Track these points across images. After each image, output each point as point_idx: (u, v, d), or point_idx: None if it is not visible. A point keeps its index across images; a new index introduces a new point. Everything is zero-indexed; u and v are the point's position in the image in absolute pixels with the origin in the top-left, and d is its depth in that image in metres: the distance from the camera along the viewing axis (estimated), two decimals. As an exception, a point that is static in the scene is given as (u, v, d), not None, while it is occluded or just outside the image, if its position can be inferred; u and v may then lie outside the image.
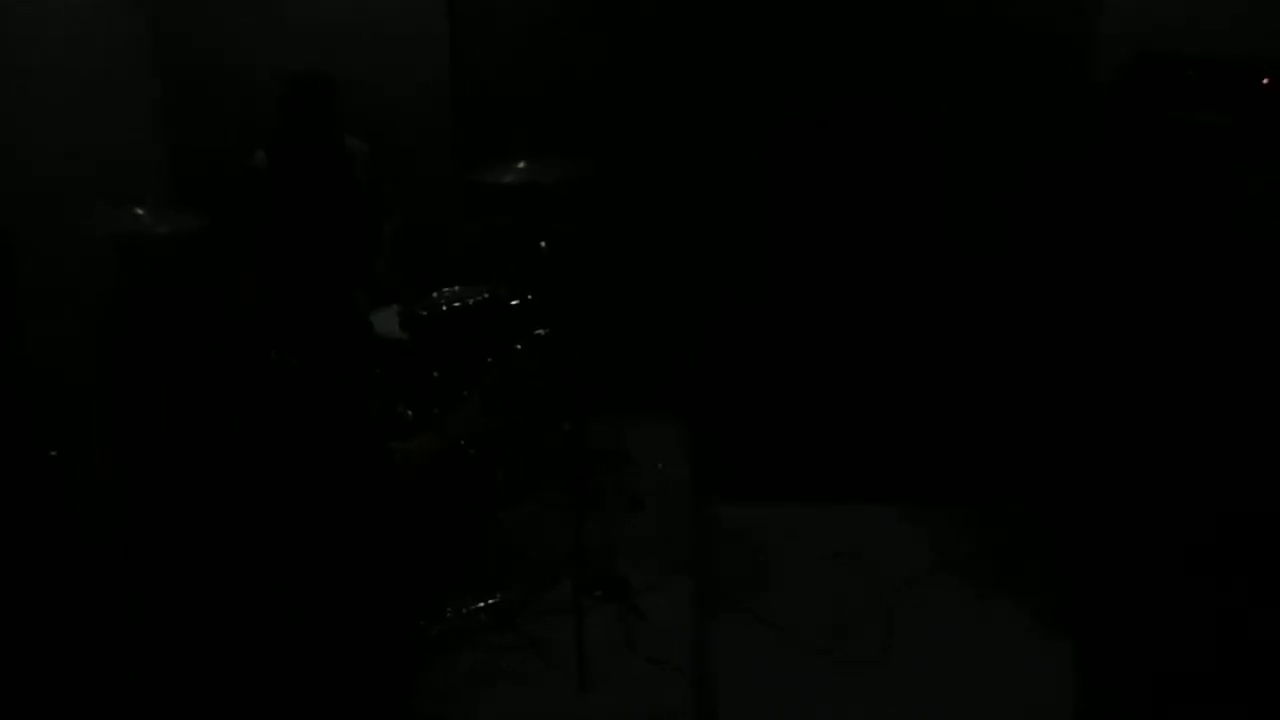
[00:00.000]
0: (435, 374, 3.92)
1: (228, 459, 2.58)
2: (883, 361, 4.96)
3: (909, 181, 4.93)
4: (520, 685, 3.50)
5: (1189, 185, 4.01)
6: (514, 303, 4.12)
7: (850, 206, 4.95)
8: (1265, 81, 4.15)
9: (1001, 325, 4.87)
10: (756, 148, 4.91)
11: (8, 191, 3.98)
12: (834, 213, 4.96)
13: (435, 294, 4.06)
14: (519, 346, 4.10)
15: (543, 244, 4.11)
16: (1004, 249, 4.86)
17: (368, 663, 2.59)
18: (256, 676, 2.43)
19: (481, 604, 3.72)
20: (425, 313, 3.95)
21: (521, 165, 4.24)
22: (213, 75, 4.87)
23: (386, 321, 4.02)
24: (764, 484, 4.78)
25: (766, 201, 4.96)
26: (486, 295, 4.05)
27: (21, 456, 3.53)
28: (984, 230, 4.87)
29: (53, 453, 3.48)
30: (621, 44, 4.89)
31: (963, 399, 4.88)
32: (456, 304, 4.00)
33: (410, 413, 3.85)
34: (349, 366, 3.23)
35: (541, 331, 4.15)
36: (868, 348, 4.97)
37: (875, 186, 4.93)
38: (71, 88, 4.36)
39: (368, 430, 2.73)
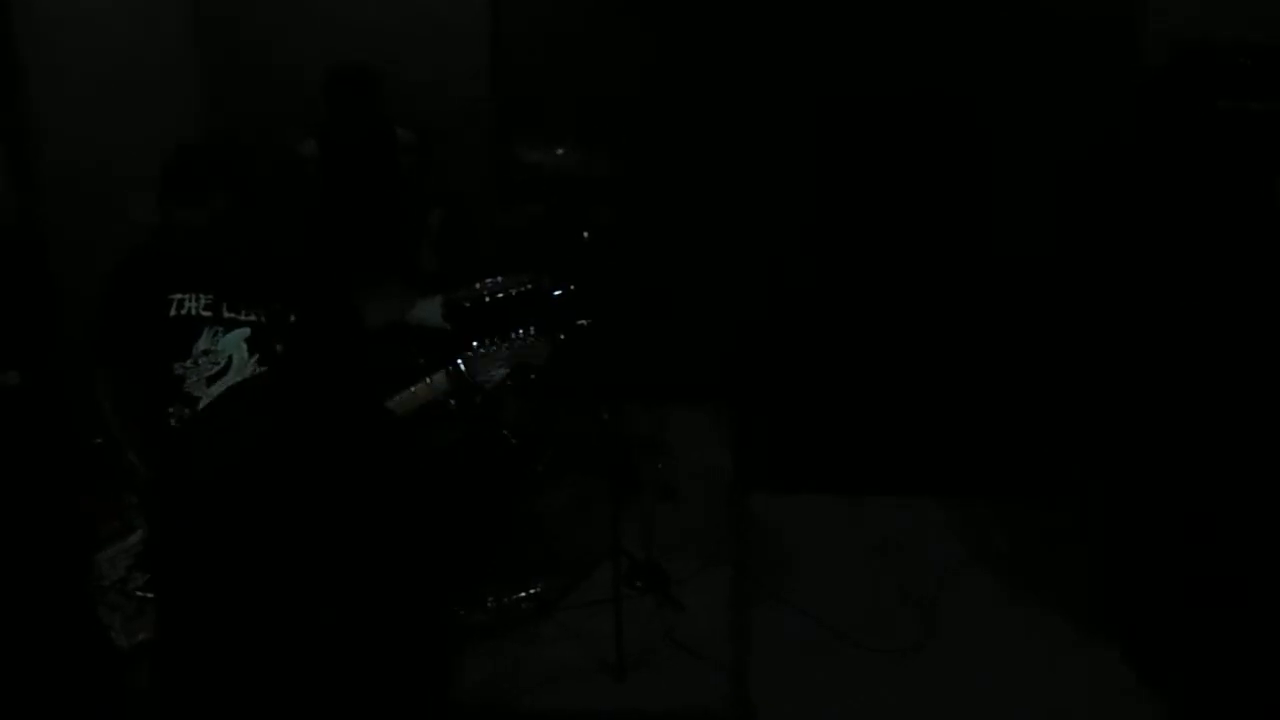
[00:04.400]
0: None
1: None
2: (925, 353, 4.94)
3: (953, 172, 4.90)
4: (559, 675, 3.52)
5: (1239, 177, 3.95)
6: (556, 293, 4.13)
7: (894, 197, 4.92)
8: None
9: (1044, 318, 4.84)
10: (801, 135, 4.88)
11: (49, 184, 4.03)
12: (877, 203, 4.93)
13: (478, 284, 4.07)
14: (562, 336, 4.11)
15: (585, 234, 4.11)
16: (1048, 241, 4.81)
17: (407, 653, 2.59)
18: (290, 668, 2.43)
19: (522, 593, 3.74)
20: (468, 304, 3.97)
21: (560, 152, 4.24)
22: (256, 66, 4.89)
23: (430, 311, 4.04)
24: (804, 475, 4.78)
25: (810, 191, 4.93)
26: (529, 286, 4.06)
27: (66, 445, 3.58)
28: (1028, 222, 4.83)
29: (98, 440, 3.50)
30: (664, 33, 4.87)
31: (1004, 391, 4.84)
32: (499, 294, 4.01)
33: (453, 402, 3.86)
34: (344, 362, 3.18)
35: (584, 322, 4.15)
36: (910, 339, 4.95)
37: (919, 178, 4.90)
38: (114, 80, 4.39)
39: (376, 420, 2.69)
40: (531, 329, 3.25)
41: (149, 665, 2.90)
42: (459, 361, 3.14)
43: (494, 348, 3.20)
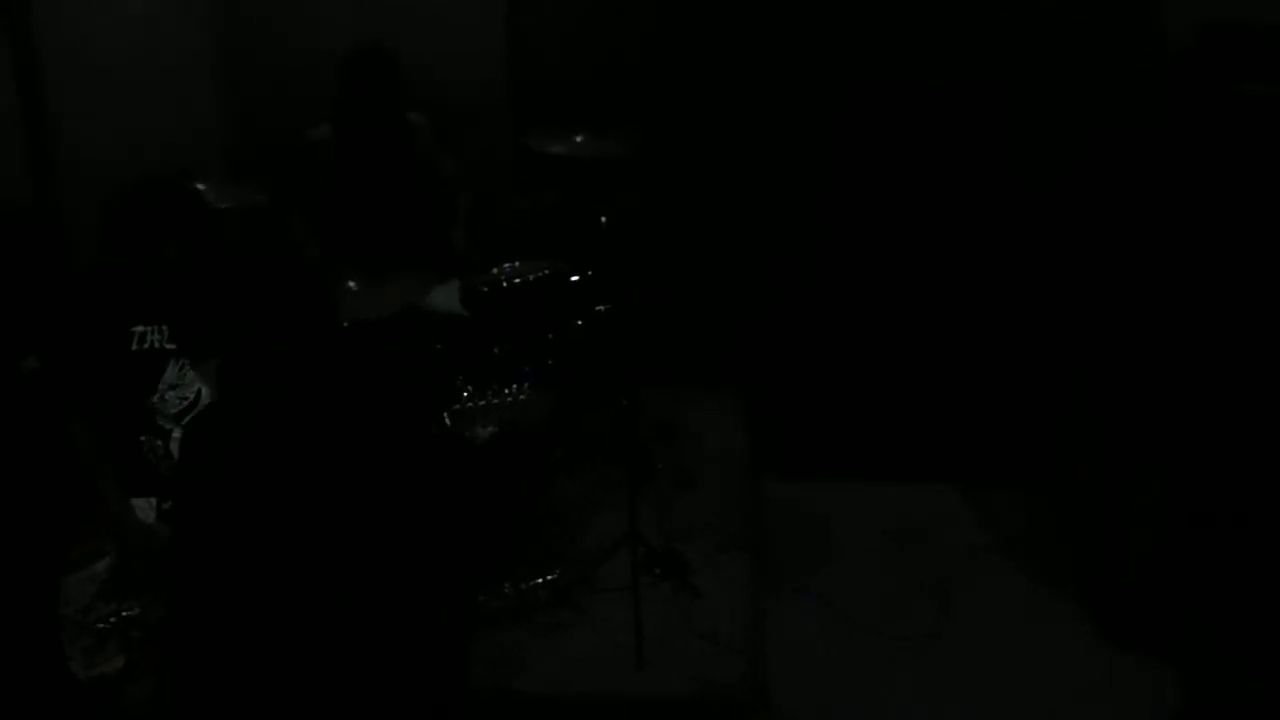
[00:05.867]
0: (496, 350, 3.94)
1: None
2: (942, 338, 4.92)
3: (969, 158, 4.86)
4: (577, 662, 3.53)
5: (1262, 164, 3.91)
6: (574, 279, 4.13)
7: (909, 183, 4.89)
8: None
9: (1061, 303, 4.81)
10: (815, 121, 4.85)
11: (66, 170, 4.04)
12: (894, 187, 4.90)
13: (495, 270, 4.07)
14: (579, 322, 4.11)
15: (603, 219, 4.10)
16: (1065, 227, 4.78)
17: (426, 642, 2.58)
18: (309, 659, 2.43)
19: (539, 580, 3.75)
20: (486, 289, 3.97)
21: (580, 139, 4.23)
22: (273, 52, 4.88)
23: (447, 297, 4.04)
24: (821, 461, 4.78)
25: (827, 176, 4.91)
26: (547, 271, 4.06)
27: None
28: (1045, 208, 4.80)
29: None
30: (680, 18, 4.84)
31: (1021, 378, 4.83)
32: (517, 280, 4.00)
33: (470, 387, 3.87)
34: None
35: (602, 307, 4.15)
36: (927, 324, 4.93)
37: (934, 164, 4.86)
38: (131, 66, 4.39)
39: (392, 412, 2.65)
40: (526, 385, 3.09)
41: (111, 697, 2.82)
42: (445, 417, 3.05)
43: (483, 404, 3.07)
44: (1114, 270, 4.43)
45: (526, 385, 3.09)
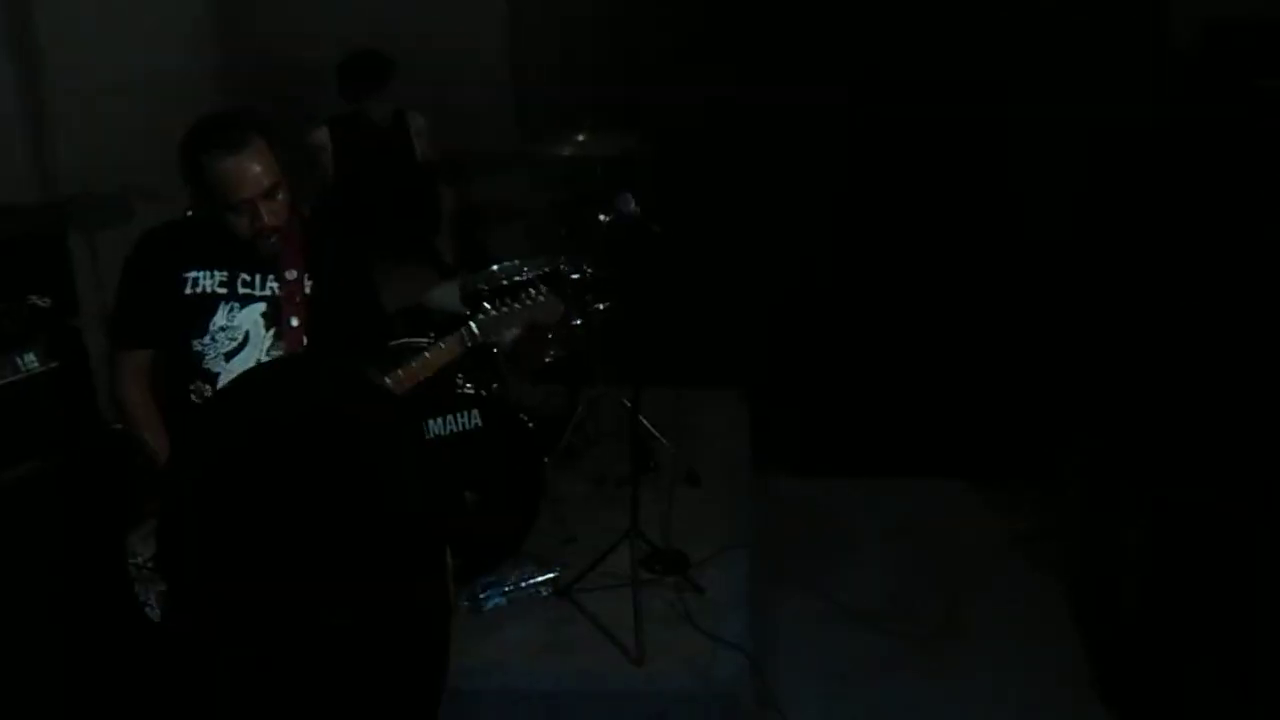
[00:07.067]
0: (494, 349, 3.94)
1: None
2: (948, 334, 4.90)
3: (977, 160, 4.85)
4: (577, 658, 3.51)
5: (1274, 160, 3.88)
6: (574, 277, 4.12)
7: (916, 180, 4.88)
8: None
9: (1070, 301, 4.78)
10: (822, 121, 4.85)
11: (68, 172, 4.08)
12: (900, 184, 4.90)
13: (495, 268, 4.07)
14: (579, 320, 4.11)
15: (602, 218, 4.10)
16: (1073, 227, 4.76)
17: (407, 640, 2.57)
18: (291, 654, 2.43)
19: (540, 577, 3.74)
20: (485, 287, 3.97)
21: (581, 138, 4.24)
22: (274, 53, 4.91)
23: (447, 295, 4.05)
24: (825, 458, 4.76)
25: (833, 177, 4.90)
26: (547, 270, 4.05)
27: (90, 427, 3.63)
28: (1053, 206, 4.78)
29: (116, 426, 3.53)
30: (685, 16, 4.85)
31: (1029, 374, 4.80)
32: (517, 278, 4.00)
33: (469, 385, 3.87)
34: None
35: (601, 306, 4.15)
36: (934, 320, 4.91)
37: (942, 161, 4.85)
38: (132, 67, 4.43)
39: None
40: (544, 287, 3.24)
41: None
42: (471, 324, 3.14)
43: (506, 309, 3.20)
44: (1119, 271, 4.42)
45: (544, 287, 3.22)
